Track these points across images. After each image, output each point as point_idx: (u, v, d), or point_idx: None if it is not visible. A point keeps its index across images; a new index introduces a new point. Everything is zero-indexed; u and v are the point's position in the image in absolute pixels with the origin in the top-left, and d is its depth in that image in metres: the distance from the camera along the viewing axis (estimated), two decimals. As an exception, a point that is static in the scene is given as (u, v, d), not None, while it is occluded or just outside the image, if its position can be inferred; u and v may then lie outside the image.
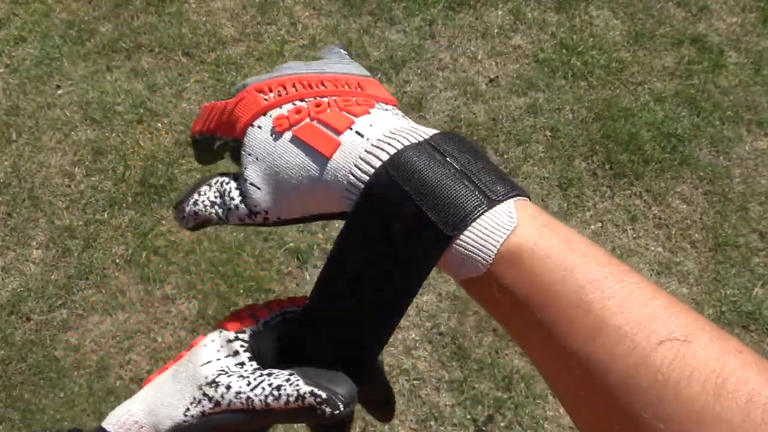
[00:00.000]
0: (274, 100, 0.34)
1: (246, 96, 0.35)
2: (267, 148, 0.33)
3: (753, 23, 2.07)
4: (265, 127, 0.34)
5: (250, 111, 0.34)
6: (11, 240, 1.69)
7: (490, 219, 0.28)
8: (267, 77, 0.36)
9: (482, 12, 2.10)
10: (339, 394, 0.31)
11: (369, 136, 0.31)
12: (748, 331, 1.55)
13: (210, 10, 2.13)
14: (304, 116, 0.33)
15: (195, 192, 0.37)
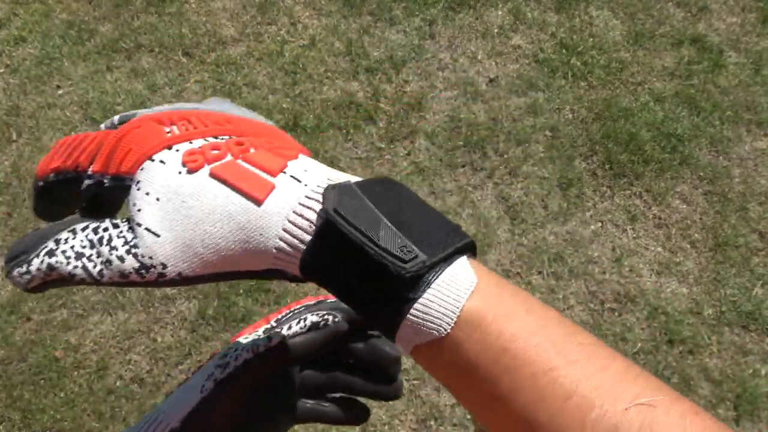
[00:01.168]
0: (181, 134, 0.29)
1: (141, 125, 0.29)
2: (173, 187, 0.27)
3: (753, 23, 2.07)
4: (170, 163, 0.28)
5: (149, 142, 0.28)
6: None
7: (449, 276, 0.26)
8: (161, 109, 0.31)
9: (482, 12, 2.10)
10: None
11: (306, 181, 0.27)
12: (748, 331, 1.56)
13: (210, 10, 2.13)
14: (224, 153, 0.28)
15: (48, 240, 0.29)
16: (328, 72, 1.98)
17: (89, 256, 0.28)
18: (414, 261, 0.25)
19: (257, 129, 0.31)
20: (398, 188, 0.28)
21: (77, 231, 0.29)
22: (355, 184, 0.27)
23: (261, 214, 0.27)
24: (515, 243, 1.67)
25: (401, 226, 0.26)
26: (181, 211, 0.27)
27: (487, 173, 1.79)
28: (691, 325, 1.56)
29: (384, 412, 1.44)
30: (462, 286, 0.25)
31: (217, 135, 0.29)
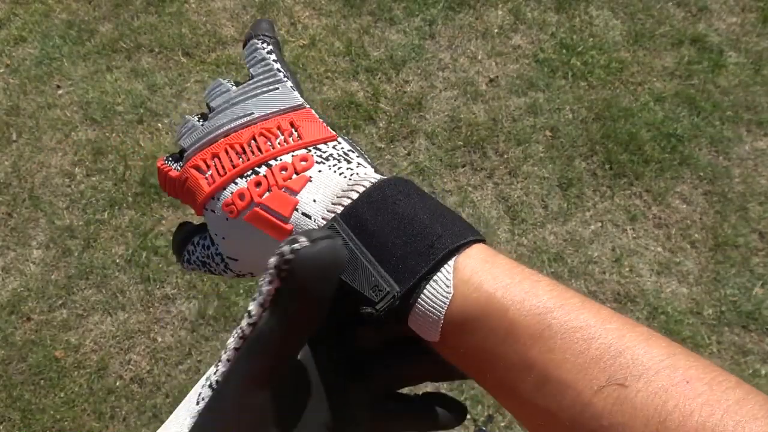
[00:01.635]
0: (216, 184, 0.34)
1: (188, 178, 0.36)
2: (227, 231, 0.35)
3: (753, 23, 2.07)
4: (218, 212, 0.35)
5: (197, 198, 0.35)
6: (11, 240, 1.69)
7: (426, 297, 0.28)
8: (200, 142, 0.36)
9: (482, 12, 2.10)
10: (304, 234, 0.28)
11: (315, 215, 0.32)
12: (747, 331, 1.56)
13: (210, 10, 2.13)
14: (248, 201, 0.33)
15: (184, 250, 0.39)
16: (328, 72, 1.98)
17: (207, 265, 0.38)
18: (384, 300, 0.28)
19: (282, 126, 0.35)
20: (387, 206, 0.30)
21: (198, 245, 0.38)
22: (342, 217, 0.30)
23: None
24: (515, 243, 1.68)
25: (380, 255, 0.29)
26: (242, 245, 0.35)
27: (487, 173, 1.79)
28: (691, 325, 1.56)
29: (384, 412, 1.44)
30: (437, 305, 0.28)
31: (242, 173, 0.34)
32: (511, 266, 0.28)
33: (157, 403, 1.47)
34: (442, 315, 0.27)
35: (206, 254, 0.37)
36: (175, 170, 0.37)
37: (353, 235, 0.29)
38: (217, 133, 0.35)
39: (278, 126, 0.35)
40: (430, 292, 0.28)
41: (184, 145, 0.36)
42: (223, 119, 0.35)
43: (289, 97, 0.36)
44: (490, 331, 0.26)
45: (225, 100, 0.37)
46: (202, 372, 1.51)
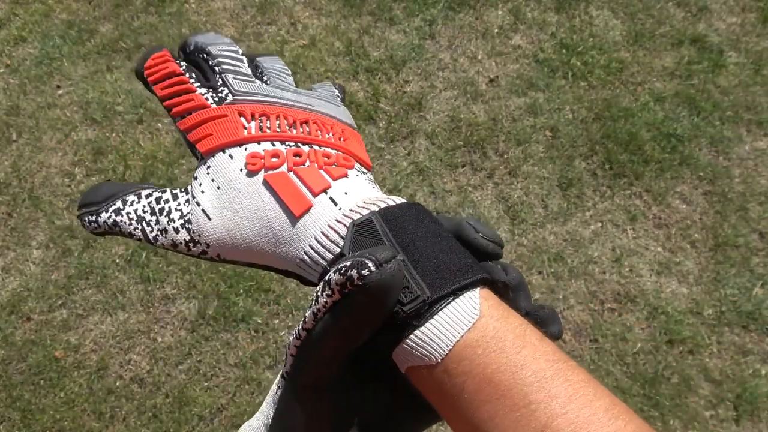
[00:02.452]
0: (254, 135, 0.32)
1: (227, 116, 0.33)
2: (233, 182, 0.32)
3: (753, 23, 2.07)
4: (236, 159, 0.32)
5: (226, 137, 0.32)
6: (11, 240, 1.69)
7: (455, 308, 0.27)
8: (254, 97, 0.34)
9: (482, 12, 2.10)
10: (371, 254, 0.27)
11: (342, 205, 0.30)
12: (747, 331, 1.56)
13: (210, 10, 2.13)
14: (281, 163, 0.31)
15: (116, 199, 0.34)
16: (328, 72, 1.98)
17: (149, 221, 0.33)
18: (413, 303, 0.27)
19: (333, 129, 0.34)
20: (422, 217, 0.30)
21: (141, 196, 0.33)
22: (379, 214, 0.29)
23: (294, 227, 0.30)
24: (515, 243, 1.68)
25: (415, 259, 0.28)
26: (232, 204, 0.31)
27: (487, 173, 1.79)
28: (691, 325, 1.56)
29: (384, 412, 1.44)
30: (463, 320, 0.27)
31: (284, 140, 0.32)
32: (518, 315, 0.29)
33: (157, 403, 1.47)
34: (462, 332, 0.27)
35: (156, 209, 0.33)
36: (206, 99, 0.34)
37: (389, 232, 0.29)
38: (274, 100, 0.34)
39: (332, 126, 0.35)
40: (456, 308, 0.27)
41: (237, 87, 0.34)
42: (285, 94, 0.35)
43: (347, 115, 0.37)
44: (499, 367, 0.26)
45: (290, 84, 0.36)
46: (202, 372, 1.51)
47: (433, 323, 0.27)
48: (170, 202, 0.33)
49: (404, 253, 0.28)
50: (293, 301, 1.58)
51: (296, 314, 1.57)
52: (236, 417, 1.44)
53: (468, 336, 0.27)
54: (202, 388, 1.49)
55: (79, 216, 0.35)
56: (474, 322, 0.27)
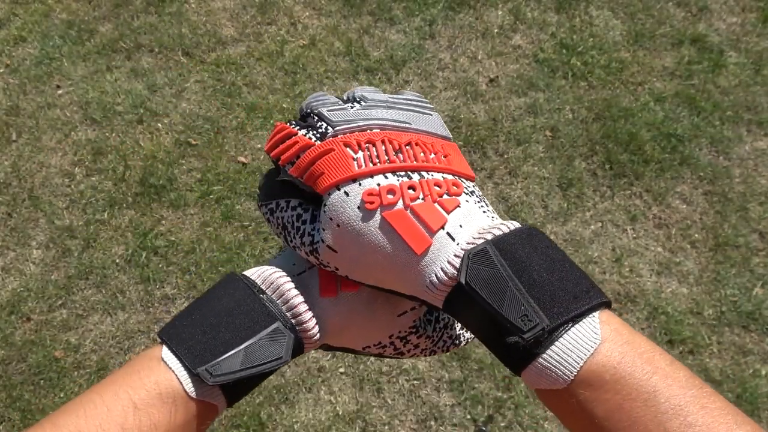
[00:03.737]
0: (366, 169, 0.33)
1: (334, 150, 0.33)
2: (352, 221, 0.33)
3: (753, 23, 2.07)
4: (353, 197, 0.33)
5: (339, 174, 0.33)
6: (11, 240, 1.69)
7: (574, 335, 0.28)
8: (354, 123, 0.34)
9: (482, 12, 2.10)
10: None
11: (459, 240, 0.32)
12: (748, 331, 1.55)
13: (210, 10, 2.13)
14: (397, 199, 0.32)
15: (273, 199, 0.37)
16: (328, 72, 1.98)
17: (289, 231, 0.36)
18: (533, 330, 0.28)
19: (435, 148, 0.35)
20: (536, 242, 0.31)
21: (288, 207, 0.36)
22: (493, 243, 0.31)
23: (416, 263, 0.32)
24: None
25: (531, 287, 0.29)
26: (354, 242, 0.33)
27: (487, 173, 1.79)
28: (691, 325, 1.56)
29: (384, 413, 1.44)
30: (585, 345, 0.28)
31: (395, 171, 0.33)
32: (643, 336, 0.29)
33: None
34: (584, 358, 0.27)
35: (294, 225, 0.35)
36: (309, 138, 0.35)
37: (503, 260, 0.30)
38: (373, 122, 0.35)
39: (432, 144, 0.35)
40: (576, 334, 0.28)
41: (333, 118, 0.35)
42: (381, 114, 0.35)
43: (442, 126, 0.37)
44: (629, 393, 0.26)
45: (382, 99, 0.37)
46: (202, 372, 1.51)
47: (556, 349, 0.28)
48: (306, 224, 0.35)
49: (519, 280, 0.29)
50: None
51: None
52: (236, 417, 1.44)
53: (592, 361, 0.27)
54: (202, 388, 1.48)
55: (258, 203, 0.39)
56: (596, 347, 0.27)
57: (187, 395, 0.33)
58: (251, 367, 0.33)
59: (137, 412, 0.31)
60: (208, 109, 1.91)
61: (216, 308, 0.35)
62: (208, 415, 0.35)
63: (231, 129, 1.87)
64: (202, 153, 1.83)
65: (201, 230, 1.69)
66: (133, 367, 0.34)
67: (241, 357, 0.33)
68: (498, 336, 0.30)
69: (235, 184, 1.76)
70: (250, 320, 0.34)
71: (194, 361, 0.33)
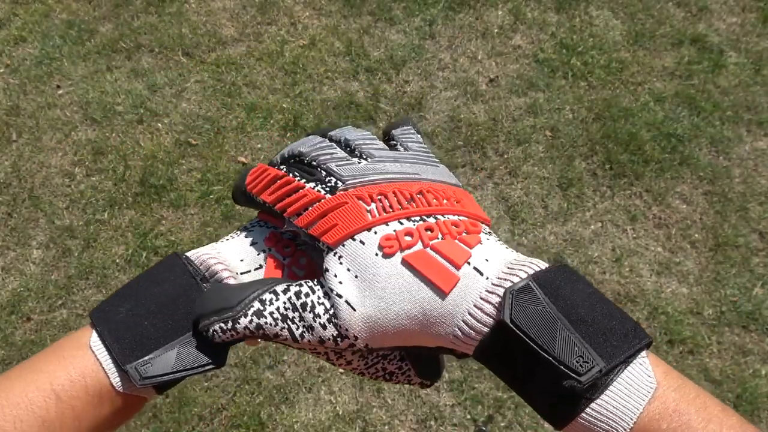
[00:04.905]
0: (381, 218, 0.31)
1: (347, 203, 0.32)
2: (371, 269, 0.31)
3: (753, 23, 2.07)
4: (369, 245, 0.31)
5: (353, 224, 0.32)
6: (11, 240, 1.69)
7: (628, 379, 0.26)
8: (364, 178, 0.33)
9: (482, 12, 2.10)
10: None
11: (488, 274, 0.30)
12: (747, 331, 1.55)
13: (210, 10, 2.13)
14: (416, 241, 0.31)
15: (252, 300, 0.32)
16: (328, 72, 1.98)
17: (292, 318, 0.31)
18: (590, 372, 0.26)
19: (447, 195, 0.34)
20: (575, 279, 0.29)
21: (278, 293, 0.32)
22: (534, 279, 0.29)
23: (445, 304, 0.30)
24: (515, 243, 1.67)
25: (579, 326, 0.27)
26: (375, 291, 0.30)
27: (487, 173, 1.79)
28: (691, 325, 1.56)
29: (384, 412, 1.44)
30: (641, 391, 0.26)
31: (410, 216, 0.32)
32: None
33: (157, 403, 1.47)
34: (643, 405, 0.26)
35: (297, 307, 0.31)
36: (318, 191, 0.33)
37: (544, 299, 0.28)
38: (383, 177, 0.34)
39: (444, 190, 0.34)
40: (631, 378, 0.26)
41: (344, 173, 0.33)
42: (389, 167, 0.34)
43: (450, 175, 0.36)
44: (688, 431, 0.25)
45: (390, 155, 0.35)
46: (202, 372, 1.51)
47: (611, 395, 0.26)
48: (311, 295, 0.32)
49: (568, 320, 0.27)
50: (293, 301, 1.58)
51: (296, 314, 1.57)
52: (236, 417, 1.44)
53: (649, 409, 0.26)
54: (202, 388, 1.49)
55: (206, 325, 0.32)
56: (653, 393, 0.26)
57: (115, 389, 0.31)
58: (184, 370, 0.31)
59: (59, 404, 0.30)
60: (208, 109, 1.91)
61: (155, 294, 0.33)
62: (137, 405, 0.33)
63: (231, 129, 1.87)
64: (202, 153, 1.83)
65: (201, 230, 1.69)
66: (58, 352, 0.32)
67: (174, 357, 0.31)
68: (543, 382, 0.27)
69: (235, 184, 1.76)
70: (190, 313, 0.32)
71: (124, 355, 0.31)
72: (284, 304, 0.32)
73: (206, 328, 0.32)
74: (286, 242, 0.37)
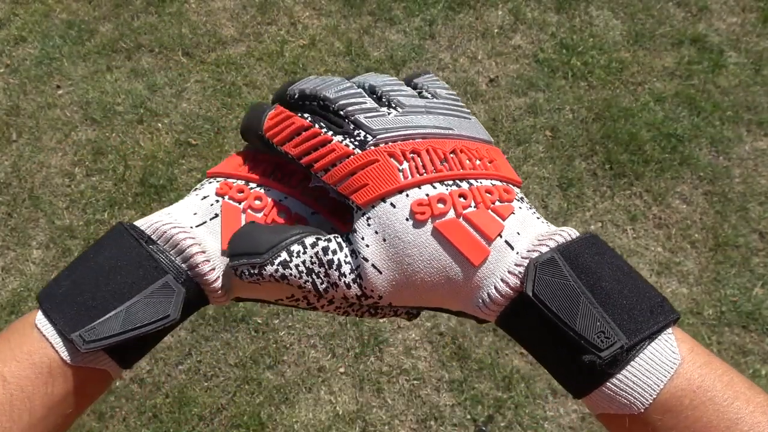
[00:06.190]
0: (413, 180, 0.31)
1: (379, 161, 0.31)
2: (401, 234, 0.30)
3: (753, 23, 2.07)
4: (400, 209, 0.31)
5: (385, 185, 0.31)
6: (11, 240, 1.69)
7: (651, 355, 0.26)
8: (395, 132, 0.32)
9: (482, 12, 2.10)
10: None
11: (518, 248, 0.30)
12: (747, 331, 1.56)
13: (210, 10, 2.13)
14: (448, 209, 0.30)
15: (280, 250, 0.32)
16: (328, 72, 1.98)
17: (318, 272, 0.32)
18: (611, 348, 0.26)
19: (480, 153, 0.33)
20: (603, 251, 0.29)
21: (306, 245, 0.32)
22: (560, 251, 0.29)
23: (473, 275, 0.30)
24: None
25: (604, 300, 0.27)
26: (402, 256, 0.30)
27: (487, 173, 1.79)
28: (692, 325, 1.56)
29: (384, 412, 1.44)
30: (663, 366, 0.26)
31: (443, 180, 0.31)
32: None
33: (157, 403, 1.47)
34: (665, 381, 0.26)
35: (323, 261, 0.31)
36: (346, 145, 0.32)
37: (572, 270, 0.28)
38: (415, 132, 0.32)
39: (477, 149, 0.33)
40: (654, 354, 0.26)
41: (373, 126, 0.32)
42: (422, 121, 0.33)
43: (483, 130, 0.35)
44: (710, 420, 0.24)
45: (420, 104, 0.34)
46: (202, 372, 1.51)
47: (632, 370, 0.26)
48: (338, 253, 0.32)
49: (592, 294, 0.27)
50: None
51: (296, 314, 1.57)
52: (236, 417, 1.44)
53: (672, 384, 0.25)
54: (202, 388, 1.49)
55: (235, 266, 0.32)
56: (676, 368, 0.26)
57: (65, 363, 0.30)
58: (133, 329, 0.30)
59: (6, 386, 0.29)
60: (208, 109, 1.91)
61: (99, 263, 0.32)
62: (98, 381, 0.32)
63: (231, 129, 1.87)
64: (202, 153, 1.83)
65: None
66: (4, 336, 0.31)
67: (122, 318, 0.30)
68: (564, 354, 0.27)
69: (235, 184, 1.76)
70: (136, 275, 0.31)
71: (69, 326, 0.30)
72: (311, 258, 0.32)
73: (235, 267, 0.32)
74: (239, 188, 0.35)
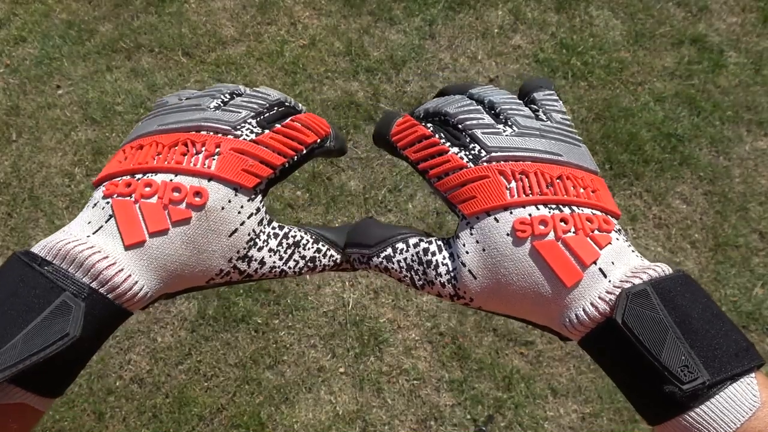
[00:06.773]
0: (519, 200, 0.33)
1: (489, 177, 0.34)
2: (500, 247, 0.33)
3: (753, 23, 2.07)
4: (503, 224, 0.33)
5: (492, 201, 0.33)
6: (11, 240, 1.69)
7: (732, 394, 0.27)
8: (509, 152, 0.34)
9: (482, 12, 2.10)
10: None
11: (611, 276, 0.31)
12: (748, 331, 1.55)
13: (210, 10, 2.13)
14: (548, 231, 0.32)
15: (387, 245, 0.36)
16: (328, 72, 1.98)
17: (416, 270, 0.35)
18: (693, 383, 0.27)
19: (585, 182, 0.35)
20: (695, 291, 0.30)
21: (410, 245, 0.36)
22: (652, 285, 0.30)
23: (564, 295, 0.32)
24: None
25: (691, 337, 0.28)
26: (498, 268, 0.33)
27: (487, 173, 1.79)
28: (691, 325, 1.56)
29: (384, 412, 1.44)
30: (742, 407, 0.27)
31: (547, 203, 0.33)
32: None
33: (157, 403, 1.47)
34: (742, 420, 0.26)
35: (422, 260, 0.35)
36: (461, 158, 0.35)
37: (663, 305, 0.29)
38: (527, 154, 0.34)
39: (582, 178, 0.35)
40: (735, 394, 0.27)
41: (489, 143, 0.34)
42: (535, 144, 0.35)
43: (590, 159, 0.37)
44: None
45: (536, 128, 0.36)
46: (202, 372, 1.51)
47: (711, 406, 0.27)
48: (437, 255, 0.35)
49: (680, 329, 0.28)
50: (293, 301, 1.58)
51: (296, 314, 1.57)
52: (236, 417, 1.44)
53: (749, 425, 0.26)
54: (202, 388, 1.49)
55: (348, 253, 0.38)
56: (755, 411, 0.26)
57: None
58: (30, 355, 0.28)
59: None
60: (208, 109, 1.91)
61: None
62: (18, 416, 0.30)
63: (231, 129, 1.87)
64: (202, 153, 1.83)
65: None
66: None
67: (20, 346, 0.29)
68: (645, 382, 0.29)
69: (235, 184, 1.76)
70: (31, 300, 0.30)
71: None
72: (412, 256, 0.35)
73: (348, 255, 0.37)
74: (126, 182, 0.34)
